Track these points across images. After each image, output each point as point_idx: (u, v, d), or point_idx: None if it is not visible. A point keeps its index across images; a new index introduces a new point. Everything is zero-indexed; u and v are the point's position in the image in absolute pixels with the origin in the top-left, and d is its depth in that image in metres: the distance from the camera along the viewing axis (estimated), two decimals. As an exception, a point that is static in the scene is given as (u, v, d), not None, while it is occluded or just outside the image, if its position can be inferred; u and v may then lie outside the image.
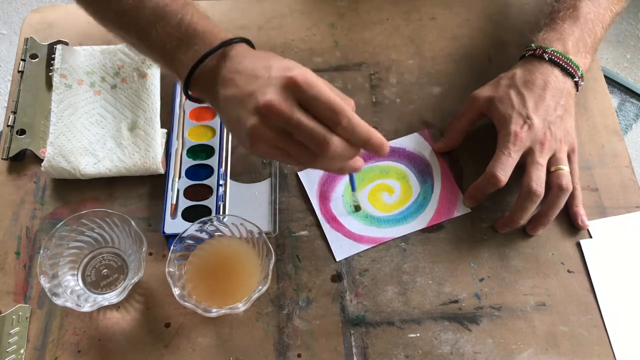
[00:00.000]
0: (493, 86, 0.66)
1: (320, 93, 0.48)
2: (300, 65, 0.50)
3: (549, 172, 0.63)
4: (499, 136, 0.64)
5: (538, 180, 0.61)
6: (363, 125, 0.49)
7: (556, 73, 0.64)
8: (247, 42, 0.54)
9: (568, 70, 0.65)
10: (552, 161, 0.63)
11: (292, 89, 0.48)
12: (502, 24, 0.79)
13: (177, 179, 0.65)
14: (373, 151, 0.50)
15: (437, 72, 0.75)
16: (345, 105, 0.48)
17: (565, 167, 0.63)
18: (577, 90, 0.66)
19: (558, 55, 0.64)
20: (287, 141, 0.50)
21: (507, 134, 0.63)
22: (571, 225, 0.65)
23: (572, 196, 0.64)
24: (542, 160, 0.62)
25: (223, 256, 0.61)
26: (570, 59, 0.64)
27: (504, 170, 0.62)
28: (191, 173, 0.66)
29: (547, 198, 0.63)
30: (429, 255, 0.64)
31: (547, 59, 0.65)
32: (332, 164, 0.52)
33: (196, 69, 0.52)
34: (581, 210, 0.65)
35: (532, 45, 0.67)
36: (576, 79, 0.65)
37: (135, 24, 0.55)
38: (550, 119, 0.63)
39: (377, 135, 0.50)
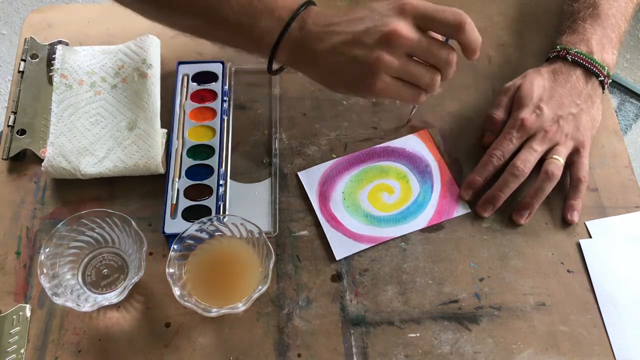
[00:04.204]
0: (520, 78, 0.69)
1: (437, 7, 0.53)
2: None
3: (543, 161, 0.65)
4: (509, 119, 0.66)
5: (525, 160, 0.64)
6: (474, 27, 0.55)
7: (578, 73, 0.67)
8: (313, 3, 0.57)
9: (592, 70, 0.66)
10: (550, 152, 0.65)
11: (410, 12, 0.53)
12: (502, 24, 0.79)
13: (177, 179, 0.65)
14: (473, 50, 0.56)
15: (437, 72, 0.75)
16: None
17: (559, 158, 0.64)
18: (604, 88, 0.68)
19: (581, 56, 0.66)
20: (412, 65, 0.54)
21: (515, 119, 0.65)
22: (571, 224, 0.65)
23: (574, 189, 0.65)
24: (538, 146, 0.65)
25: (223, 256, 0.61)
26: (594, 59, 0.66)
27: (503, 152, 0.65)
28: (191, 173, 0.66)
29: (534, 184, 0.64)
30: (429, 255, 0.64)
31: (570, 60, 0.67)
32: (448, 75, 0.56)
33: (285, 33, 0.55)
34: (576, 205, 0.65)
35: (557, 47, 0.69)
36: (601, 78, 0.67)
37: (204, 4, 0.57)
38: (562, 113, 0.65)
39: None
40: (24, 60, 0.73)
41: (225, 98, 0.71)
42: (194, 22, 0.59)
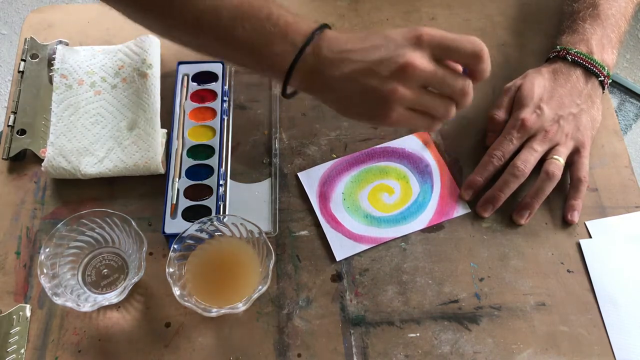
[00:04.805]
0: (521, 78, 0.69)
1: (456, 36, 0.52)
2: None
3: (543, 161, 0.65)
4: (510, 119, 0.67)
5: (525, 160, 0.64)
6: (489, 56, 0.53)
7: (578, 73, 0.67)
8: (328, 27, 0.55)
9: (592, 70, 0.66)
10: (551, 152, 0.65)
11: (427, 43, 0.51)
12: (502, 24, 0.79)
13: (177, 179, 0.65)
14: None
15: (437, 72, 0.75)
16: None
17: (559, 158, 0.65)
18: (604, 88, 0.68)
19: (581, 56, 0.67)
20: (427, 97, 0.53)
21: (515, 119, 0.65)
22: (571, 224, 0.65)
23: (574, 189, 0.65)
24: (538, 146, 0.65)
25: (223, 256, 0.61)
26: (594, 60, 0.66)
27: (503, 152, 0.65)
28: (191, 173, 0.66)
29: (534, 184, 0.64)
30: (429, 255, 0.64)
31: (570, 60, 0.67)
32: (464, 105, 0.55)
33: (299, 59, 0.53)
34: (576, 205, 0.65)
35: (557, 47, 0.69)
36: (601, 78, 0.67)
37: (215, 24, 0.54)
38: (562, 113, 0.65)
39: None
40: (24, 60, 0.73)
41: (225, 98, 0.71)
42: (204, 40, 0.57)
